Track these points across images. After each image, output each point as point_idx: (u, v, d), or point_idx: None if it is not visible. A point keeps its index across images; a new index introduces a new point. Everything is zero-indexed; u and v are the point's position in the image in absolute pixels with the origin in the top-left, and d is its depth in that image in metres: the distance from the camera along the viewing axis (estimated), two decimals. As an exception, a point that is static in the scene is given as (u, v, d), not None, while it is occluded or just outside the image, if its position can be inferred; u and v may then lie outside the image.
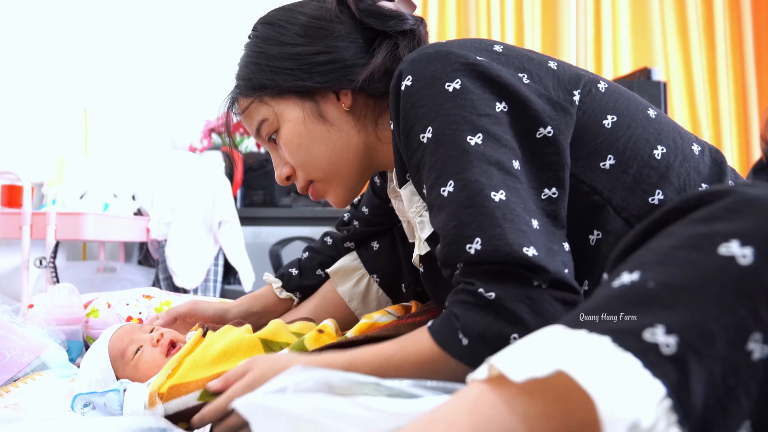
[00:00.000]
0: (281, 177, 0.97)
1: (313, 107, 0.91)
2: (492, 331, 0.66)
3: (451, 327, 0.70)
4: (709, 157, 0.82)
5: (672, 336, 0.41)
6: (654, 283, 0.45)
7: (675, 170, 0.78)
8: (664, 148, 0.79)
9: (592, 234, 0.77)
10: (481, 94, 0.75)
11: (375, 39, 0.91)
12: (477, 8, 3.45)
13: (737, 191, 0.47)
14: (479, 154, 0.72)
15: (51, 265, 2.02)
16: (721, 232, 0.45)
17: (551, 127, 0.75)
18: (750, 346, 0.42)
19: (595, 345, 0.43)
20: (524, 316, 0.66)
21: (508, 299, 0.66)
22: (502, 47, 0.82)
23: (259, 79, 0.91)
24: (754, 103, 3.40)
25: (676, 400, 0.40)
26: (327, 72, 0.89)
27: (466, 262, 0.69)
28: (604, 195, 0.77)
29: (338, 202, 0.98)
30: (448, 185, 0.72)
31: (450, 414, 0.45)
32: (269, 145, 0.97)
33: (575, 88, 0.79)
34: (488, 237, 0.68)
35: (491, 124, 0.74)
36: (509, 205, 0.69)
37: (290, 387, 0.53)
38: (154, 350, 1.01)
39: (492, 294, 0.67)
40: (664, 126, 0.82)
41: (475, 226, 0.69)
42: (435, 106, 0.75)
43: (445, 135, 0.74)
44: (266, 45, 0.92)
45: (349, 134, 0.92)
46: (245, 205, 2.90)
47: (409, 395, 0.53)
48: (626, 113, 0.80)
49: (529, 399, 0.44)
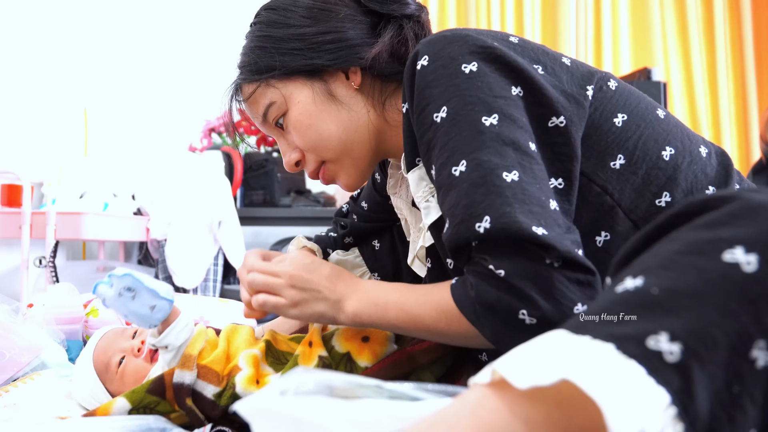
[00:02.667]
0: (290, 163, 0.95)
1: (323, 86, 0.91)
2: (502, 303, 0.68)
3: (466, 291, 0.72)
4: (716, 160, 0.82)
5: (676, 343, 0.41)
6: (658, 289, 0.44)
7: (683, 172, 0.78)
8: (672, 149, 0.79)
9: (600, 235, 0.77)
10: (497, 77, 0.75)
11: (379, 22, 0.92)
12: (477, 8, 3.45)
13: (742, 197, 0.47)
14: (494, 134, 0.72)
15: (50, 265, 2.02)
16: (726, 238, 0.44)
17: (564, 117, 0.75)
18: (754, 354, 0.41)
19: (599, 352, 0.42)
20: (532, 294, 0.67)
21: (517, 277, 0.67)
22: (517, 39, 0.83)
23: (265, 62, 0.91)
24: (754, 104, 3.40)
25: (681, 408, 0.39)
26: (335, 50, 0.89)
27: (478, 241, 0.70)
28: (614, 196, 0.77)
29: (349, 185, 0.97)
30: (460, 165, 0.72)
31: (452, 417, 0.45)
32: (276, 130, 0.95)
33: (589, 84, 0.79)
34: (497, 215, 0.68)
35: (507, 106, 0.74)
36: (522, 185, 0.69)
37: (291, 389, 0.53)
38: (137, 360, 0.97)
39: (501, 271, 0.68)
40: (672, 127, 0.82)
41: (486, 204, 0.69)
42: (451, 86, 0.75)
43: (460, 115, 0.74)
44: (271, 29, 0.92)
45: (359, 113, 0.92)
46: (245, 205, 2.90)
47: (411, 398, 0.53)
48: (636, 112, 0.80)
49: (532, 404, 0.44)
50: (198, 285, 2.43)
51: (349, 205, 1.22)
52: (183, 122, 3.11)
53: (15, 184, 1.98)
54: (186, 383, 0.87)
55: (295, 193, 2.93)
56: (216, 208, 2.45)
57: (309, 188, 3.06)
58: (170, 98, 3.07)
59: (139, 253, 2.74)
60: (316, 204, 2.88)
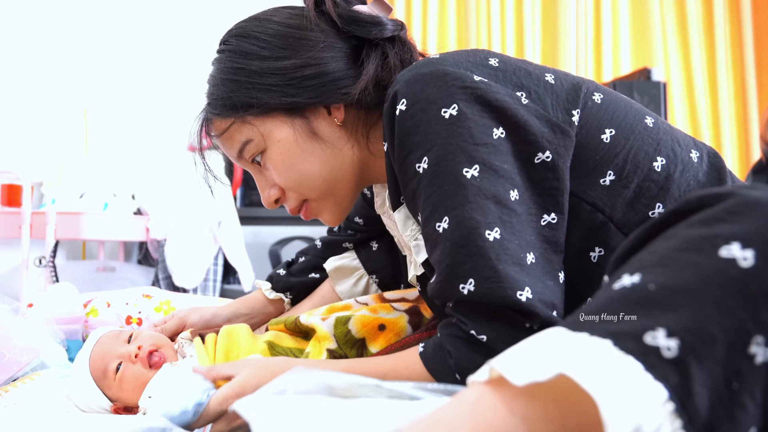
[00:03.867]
0: (269, 200, 0.90)
1: (304, 124, 0.85)
2: None
3: (444, 361, 0.72)
4: (707, 163, 0.81)
5: (673, 339, 0.41)
6: (655, 286, 0.44)
7: (675, 181, 0.77)
8: (663, 159, 0.78)
9: (594, 251, 0.76)
10: (479, 120, 0.73)
11: (359, 47, 0.86)
12: (477, 9, 3.45)
13: (738, 193, 0.47)
14: (475, 188, 0.71)
15: (50, 265, 2.02)
16: (722, 234, 0.44)
17: (549, 151, 0.74)
18: (752, 350, 0.41)
19: (597, 348, 0.42)
20: None
21: (499, 342, 0.68)
22: (497, 60, 0.80)
23: (240, 98, 0.84)
24: (754, 104, 3.40)
25: (679, 404, 0.40)
26: (316, 86, 0.83)
27: (459, 301, 0.71)
28: (605, 212, 0.76)
29: (332, 221, 0.93)
30: (443, 221, 0.72)
31: (450, 415, 0.45)
32: (252, 167, 0.90)
33: (574, 107, 0.77)
34: (482, 279, 0.69)
35: (489, 154, 0.72)
36: (503, 243, 0.69)
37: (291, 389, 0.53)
38: (135, 366, 0.95)
39: (483, 336, 0.69)
40: (662, 135, 0.80)
41: (469, 266, 0.69)
42: (431, 134, 0.73)
43: (441, 167, 0.72)
44: (244, 60, 0.84)
45: (343, 150, 0.87)
46: (245, 205, 2.90)
47: (410, 397, 0.53)
48: (624, 125, 0.79)
49: (529, 400, 0.44)
50: (198, 285, 2.43)
51: (343, 224, 1.21)
52: (183, 122, 3.10)
53: (15, 184, 1.98)
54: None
55: (295, 193, 2.93)
56: (216, 208, 2.45)
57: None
58: (170, 98, 3.07)
59: (138, 253, 2.74)
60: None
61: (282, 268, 1.21)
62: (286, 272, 1.20)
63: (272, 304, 1.20)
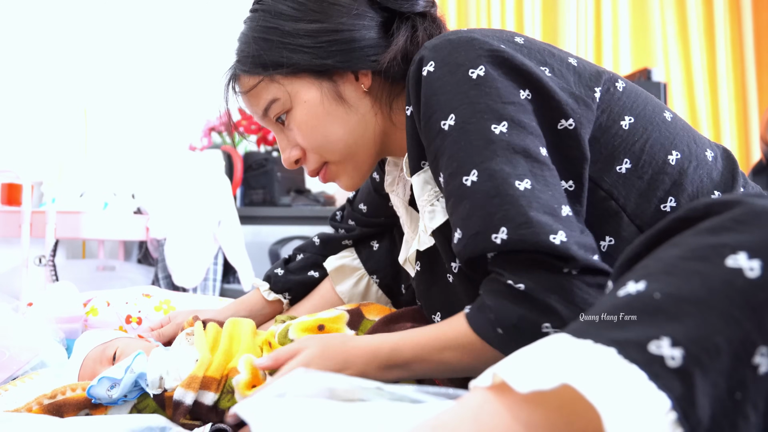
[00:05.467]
0: (290, 160, 0.92)
1: (332, 87, 0.87)
2: (525, 321, 0.67)
3: (485, 317, 0.71)
4: (722, 164, 0.82)
5: (677, 349, 0.41)
6: (660, 294, 0.44)
7: (689, 176, 0.77)
8: (678, 153, 0.78)
9: (604, 240, 0.76)
10: (505, 81, 0.74)
11: (391, 19, 0.88)
12: (477, 9, 3.45)
13: (746, 202, 0.47)
14: (504, 143, 0.71)
15: (50, 264, 2.02)
16: (729, 243, 0.44)
17: (573, 119, 0.74)
18: (756, 360, 0.41)
19: (601, 356, 0.42)
20: (555, 306, 0.66)
21: (538, 290, 0.67)
22: (523, 39, 0.81)
23: (271, 57, 0.86)
24: (754, 104, 3.40)
25: (682, 414, 0.39)
26: (347, 51, 0.85)
27: (495, 252, 0.69)
28: (619, 201, 0.76)
29: (350, 186, 0.95)
30: (471, 174, 0.71)
31: (453, 420, 0.45)
32: (276, 126, 0.92)
33: (596, 85, 0.78)
34: (514, 225, 0.67)
35: (517, 112, 0.73)
36: (535, 193, 0.69)
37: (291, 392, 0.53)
38: None
39: (521, 285, 0.67)
40: (679, 130, 0.81)
41: (501, 215, 0.68)
42: (458, 94, 0.74)
43: (470, 123, 0.73)
44: (277, 20, 0.86)
45: (366, 116, 0.89)
46: (245, 204, 2.90)
47: (412, 401, 0.53)
48: (643, 115, 0.80)
49: (532, 407, 0.44)
50: (198, 284, 2.43)
51: (345, 210, 1.21)
52: (183, 122, 3.10)
53: (15, 183, 1.98)
54: (186, 403, 0.86)
55: (295, 192, 2.93)
56: (216, 208, 2.45)
57: (309, 188, 3.06)
58: (170, 98, 3.07)
59: (138, 252, 2.74)
60: (315, 203, 2.88)
61: (280, 266, 1.20)
62: (284, 271, 1.19)
63: (271, 306, 1.19)
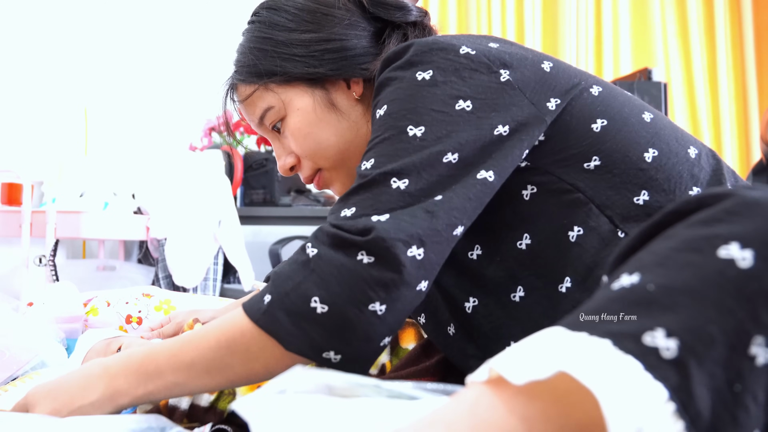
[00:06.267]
0: (285, 167, 0.94)
1: (324, 95, 0.89)
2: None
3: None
4: (706, 161, 0.81)
5: (672, 339, 0.41)
6: (654, 286, 0.44)
7: (665, 172, 0.77)
8: (656, 151, 0.78)
9: (572, 230, 0.76)
10: (448, 89, 0.75)
11: (383, 29, 0.91)
12: (477, 9, 3.45)
13: (737, 194, 0.47)
14: (418, 144, 0.72)
15: (50, 264, 2.02)
16: (721, 234, 0.44)
17: (509, 126, 0.74)
18: (753, 351, 0.41)
19: (596, 347, 0.42)
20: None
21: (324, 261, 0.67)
22: (497, 44, 0.80)
23: (265, 66, 0.89)
24: (754, 104, 3.40)
25: (680, 404, 0.39)
26: (338, 59, 0.88)
27: (330, 222, 0.71)
28: (587, 193, 0.76)
29: (343, 192, 0.95)
30: (369, 161, 0.74)
31: (449, 415, 0.45)
32: (272, 134, 0.94)
33: (557, 96, 0.77)
34: (360, 209, 0.69)
35: (440, 121, 0.74)
36: (409, 189, 0.70)
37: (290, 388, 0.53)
38: None
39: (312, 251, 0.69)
40: (659, 129, 0.80)
41: (356, 199, 0.71)
42: (399, 89, 0.76)
43: (392, 117, 0.75)
44: (272, 30, 0.90)
45: (358, 123, 0.91)
46: (245, 204, 2.90)
47: (410, 397, 0.53)
48: (618, 118, 0.79)
49: (529, 400, 0.44)
50: (198, 284, 2.43)
51: None
52: (183, 122, 3.11)
53: (15, 183, 1.98)
54: (182, 408, 0.85)
55: (295, 192, 2.93)
56: (216, 207, 2.45)
57: (309, 187, 3.07)
58: (170, 98, 3.07)
59: (139, 252, 2.74)
60: (316, 203, 2.88)
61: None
62: None
63: None
